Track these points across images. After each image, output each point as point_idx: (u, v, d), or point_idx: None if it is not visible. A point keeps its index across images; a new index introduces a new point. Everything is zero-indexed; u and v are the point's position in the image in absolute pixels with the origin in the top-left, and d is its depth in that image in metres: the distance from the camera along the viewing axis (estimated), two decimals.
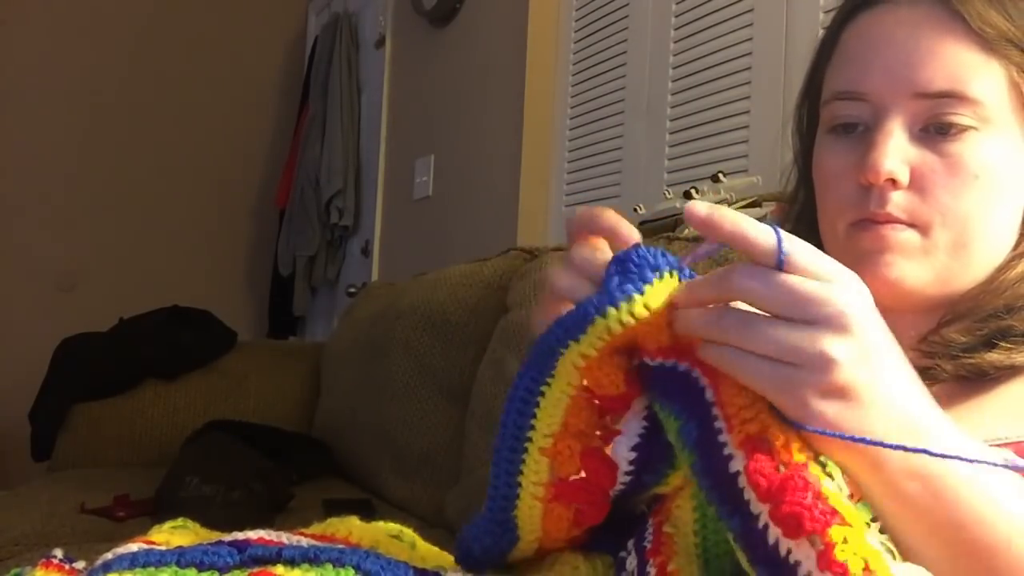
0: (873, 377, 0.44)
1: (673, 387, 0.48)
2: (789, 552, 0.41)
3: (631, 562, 0.50)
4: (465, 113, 2.53)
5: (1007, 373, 0.59)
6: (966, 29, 0.59)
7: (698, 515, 0.49)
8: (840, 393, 0.43)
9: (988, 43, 0.59)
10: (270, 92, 3.86)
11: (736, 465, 0.44)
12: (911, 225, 0.60)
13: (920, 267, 0.61)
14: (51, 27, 3.43)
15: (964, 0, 0.60)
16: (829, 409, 0.43)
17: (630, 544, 0.52)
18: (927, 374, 0.60)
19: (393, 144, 2.99)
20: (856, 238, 0.62)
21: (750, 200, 1.37)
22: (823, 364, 0.42)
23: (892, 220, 0.60)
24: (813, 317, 0.43)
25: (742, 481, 0.43)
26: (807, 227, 0.69)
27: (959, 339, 0.60)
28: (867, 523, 0.42)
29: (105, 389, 2.05)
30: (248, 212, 3.83)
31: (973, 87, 0.59)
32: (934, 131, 0.60)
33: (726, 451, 0.44)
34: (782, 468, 0.42)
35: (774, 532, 0.41)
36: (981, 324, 0.60)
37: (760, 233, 0.44)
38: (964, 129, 0.59)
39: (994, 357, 0.58)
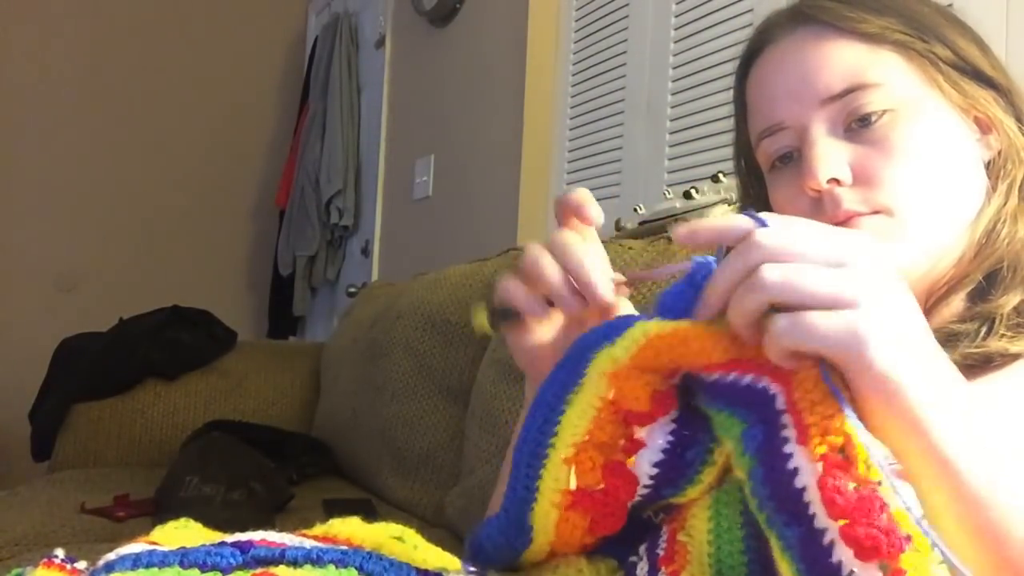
0: (915, 317, 0.45)
1: (737, 395, 0.47)
2: (852, 573, 0.40)
3: (642, 568, 0.50)
4: (465, 113, 2.53)
5: (1008, 358, 0.60)
6: (843, 32, 0.64)
7: (712, 524, 0.48)
8: (893, 333, 0.43)
9: (869, 37, 0.63)
10: (270, 92, 3.86)
11: (804, 479, 0.42)
12: (874, 212, 0.62)
13: (902, 246, 0.62)
14: (51, 27, 3.43)
15: (829, 11, 0.65)
16: (891, 353, 0.42)
17: (642, 550, 0.51)
18: None
19: (393, 144, 2.99)
20: None
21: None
22: (875, 296, 0.43)
23: (853, 215, 0.62)
24: (841, 259, 0.44)
25: (808, 495, 0.42)
26: None
27: (958, 328, 0.61)
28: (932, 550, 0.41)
29: (105, 389, 2.05)
30: (248, 212, 3.83)
31: (870, 74, 0.63)
32: (856, 126, 0.63)
33: (791, 464, 0.43)
34: (859, 486, 0.41)
35: (841, 551, 0.40)
36: (970, 304, 0.62)
37: (737, 219, 0.46)
38: (881, 113, 0.62)
39: (997, 345, 0.59)
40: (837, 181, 0.62)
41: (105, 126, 3.50)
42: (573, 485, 0.49)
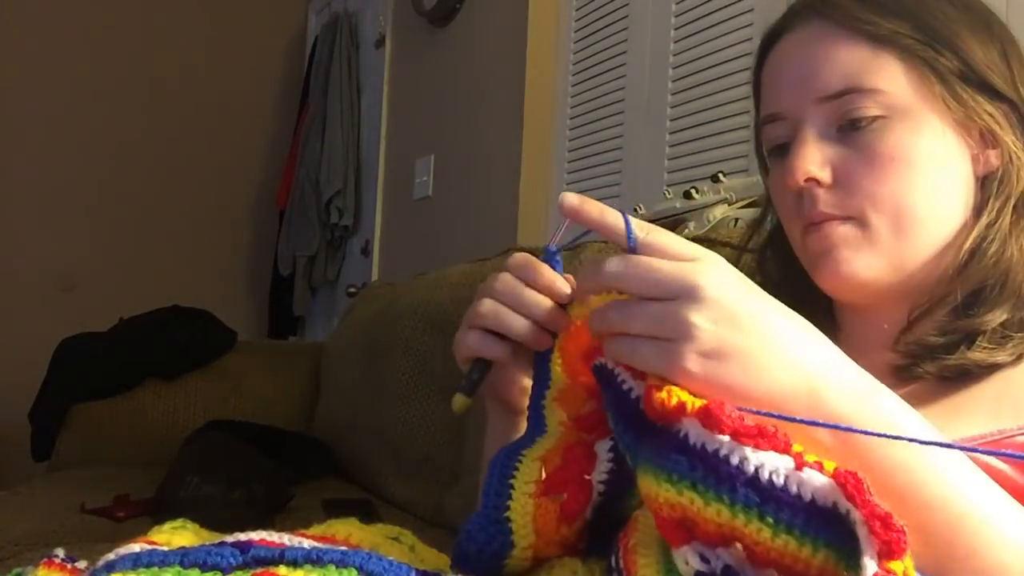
0: (747, 336, 0.46)
1: (604, 381, 0.54)
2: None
3: (614, 557, 0.52)
4: (465, 113, 2.53)
5: (987, 370, 0.60)
6: (851, 33, 0.64)
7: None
8: (714, 354, 0.46)
9: (874, 39, 0.63)
10: (270, 92, 3.86)
11: (637, 392, 0.50)
12: (847, 218, 0.63)
13: (869, 257, 0.63)
14: (51, 27, 3.43)
15: (841, 8, 0.65)
16: (711, 369, 0.46)
17: (614, 544, 0.54)
18: (909, 372, 0.61)
19: (393, 144, 2.99)
20: (806, 243, 0.66)
21: (750, 200, 1.37)
22: (687, 330, 0.46)
23: (827, 217, 0.64)
24: (672, 292, 0.47)
25: (643, 404, 0.49)
26: (784, 247, 0.73)
27: (936, 340, 0.61)
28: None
29: (105, 389, 2.05)
30: (248, 212, 3.83)
31: (868, 79, 0.63)
32: (848, 128, 0.64)
33: (626, 387, 0.51)
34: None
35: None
36: (951, 318, 0.62)
37: (614, 218, 0.51)
38: (873, 119, 0.63)
39: (977, 356, 0.59)
40: (816, 181, 0.63)
41: (105, 126, 3.50)
42: (540, 476, 0.55)
